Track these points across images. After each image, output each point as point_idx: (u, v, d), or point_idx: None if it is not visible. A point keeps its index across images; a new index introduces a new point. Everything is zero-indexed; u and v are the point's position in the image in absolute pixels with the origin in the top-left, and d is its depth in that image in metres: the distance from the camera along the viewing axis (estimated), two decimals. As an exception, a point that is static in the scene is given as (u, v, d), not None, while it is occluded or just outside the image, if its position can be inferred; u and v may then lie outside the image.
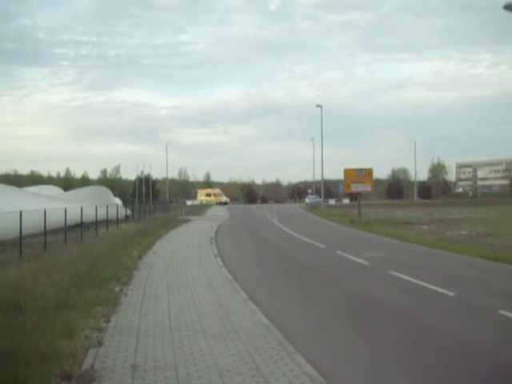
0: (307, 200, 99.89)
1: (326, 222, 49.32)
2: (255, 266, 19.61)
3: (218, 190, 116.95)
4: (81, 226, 26.77)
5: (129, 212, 46.36)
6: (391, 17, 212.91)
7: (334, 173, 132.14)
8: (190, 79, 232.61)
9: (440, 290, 13.75)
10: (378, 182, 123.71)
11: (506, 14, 19.49)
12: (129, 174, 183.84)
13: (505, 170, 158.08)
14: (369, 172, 44.69)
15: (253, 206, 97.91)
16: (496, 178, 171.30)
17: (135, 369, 7.34)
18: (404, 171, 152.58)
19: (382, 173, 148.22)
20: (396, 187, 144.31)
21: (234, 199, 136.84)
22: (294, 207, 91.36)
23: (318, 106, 66.63)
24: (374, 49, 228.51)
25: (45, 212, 20.91)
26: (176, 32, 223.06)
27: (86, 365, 7.42)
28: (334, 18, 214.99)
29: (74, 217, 26.60)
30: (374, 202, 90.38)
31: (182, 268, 17.63)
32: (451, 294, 13.30)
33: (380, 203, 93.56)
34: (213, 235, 31.22)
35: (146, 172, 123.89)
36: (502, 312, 11.17)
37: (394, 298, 13.38)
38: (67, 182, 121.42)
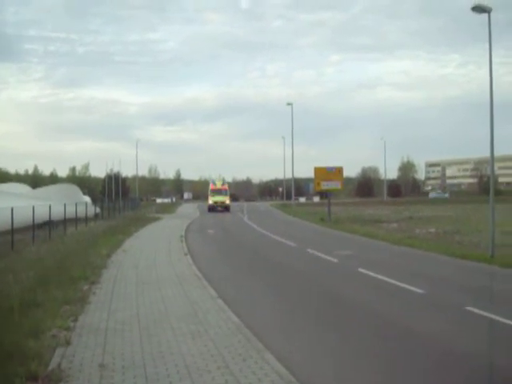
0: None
1: (296, 220, 49.44)
2: (225, 264, 19.59)
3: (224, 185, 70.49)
4: (49, 224, 26.45)
5: (98, 210, 45.95)
6: (362, 17, 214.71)
7: (305, 171, 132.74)
8: (161, 77, 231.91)
9: (409, 287, 13.88)
10: (349, 180, 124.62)
11: (474, 15, 19.77)
12: (98, 171, 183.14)
13: (473, 169, 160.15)
14: (339, 170, 44.89)
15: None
16: (464, 177, 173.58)
17: (103, 368, 7.26)
18: (374, 170, 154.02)
19: (352, 171, 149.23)
20: (366, 185, 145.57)
21: (204, 197, 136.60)
22: (264, 205, 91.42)
23: (289, 104, 66.78)
24: (345, 48, 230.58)
25: (12, 210, 20.60)
26: (147, 30, 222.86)
27: (52, 365, 7.32)
28: (306, 18, 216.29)
29: (42, 215, 26.26)
30: (345, 200, 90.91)
31: (151, 266, 17.52)
32: (420, 291, 13.42)
33: (350, 201, 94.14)
34: (183, 233, 31.10)
35: (115, 170, 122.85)
36: (468, 308, 11.31)
37: (362, 295, 13.47)
38: (35, 180, 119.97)
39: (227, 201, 65.91)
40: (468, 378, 7.48)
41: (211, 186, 67.37)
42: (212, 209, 63.89)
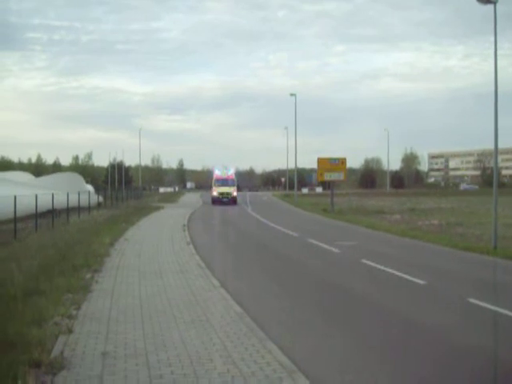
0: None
1: (299, 210, 49.44)
2: (227, 253, 19.60)
3: (231, 174, 60.23)
4: (52, 212, 26.49)
5: (101, 199, 46.00)
6: (366, 8, 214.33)
7: (308, 162, 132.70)
8: (164, 66, 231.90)
9: (411, 278, 13.87)
10: (352, 171, 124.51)
11: (479, 6, 19.64)
12: (101, 160, 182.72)
13: (476, 161, 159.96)
14: (342, 161, 44.82)
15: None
16: (467, 169, 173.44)
17: (105, 356, 7.28)
18: (377, 161, 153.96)
19: (355, 162, 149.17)
20: (369, 177, 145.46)
21: (207, 187, 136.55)
22: (267, 195, 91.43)
23: (292, 94, 66.50)
24: (349, 39, 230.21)
25: (15, 198, 20.63)
26: (150, 18, 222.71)
27: (55, 352, 7.33)
28: (310, 8, 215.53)
29: (45, 203, 26.31)
30: (347, 191, 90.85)
31: (154, 255, 17.55)
32: (422, 282, 13.42)
33: (353, 192, 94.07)
34: (185, 222, 31.12)
35: (118, 159, 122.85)
36: (471, 300, 11.31)
37: (364, 286, 13.47)
38: (38, 169, 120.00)
39: (234, 192, 56.99)
40: (469, 369, 7.48)
41: (215, 175, 58.73)
42: (216, 201, 56.34)
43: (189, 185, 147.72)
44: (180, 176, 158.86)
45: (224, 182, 57.88)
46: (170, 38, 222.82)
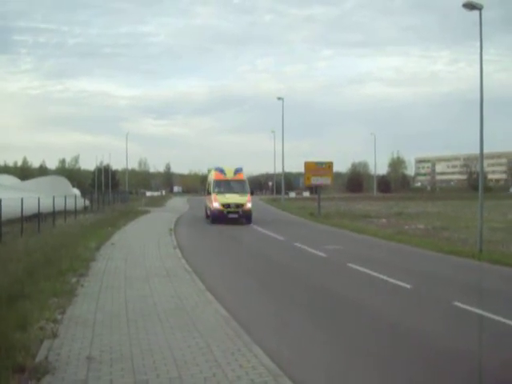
0: None
1: (285, 214, 49.49)
2: (213, 257, 19.58)
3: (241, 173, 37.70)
4: (38, 216, 26.33)
5: (87, 203, 45.80)
6: (354, 13, 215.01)
7: (295, 166, 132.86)
8: (151, 70, 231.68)
9: (397, 282, 13.93)
10: (338, 175, 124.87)
11: (466, 12, 19.81)
12: (88, 164, 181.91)
13: (462, 166, 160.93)
14: (329, 165, 44.91)
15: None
16: (454, 173, 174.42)
17: (90, 361, 7.23)
18: (364, 165, 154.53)
19: (342, 166, 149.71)
20: (356, 181, 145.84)
21: (193, 191, 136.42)
22: (254, 199, 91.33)
23: (280, 98, 66.58)
24: (337, 43, 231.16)
25: (0, 202, 20.48)
26: (138, 22, 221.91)
27: (39, 357, 7.28)
28: (297, 12, 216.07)
29: (30, 207, 26.13)
30: (334, 195, 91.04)
31: (140, 259, 17.48)
32: (408, 286, 13.48)
33: (340, 196, 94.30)
34: (172, 227, 31.04)
35: (105, 162, 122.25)
36: (456, 303, 11.37)
37: (351, 290, 13.50)
38: (24, 172, 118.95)
39: (248, 203, 34.89)
40: (454, 373, 7.52)
41: (215, 176, 36.70)
42: (218, 218, 34.21)
43: (176, 189, 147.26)
44: (167, 180, 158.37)
45: (229, 185, 36.19)
46: (158, 42, 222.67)
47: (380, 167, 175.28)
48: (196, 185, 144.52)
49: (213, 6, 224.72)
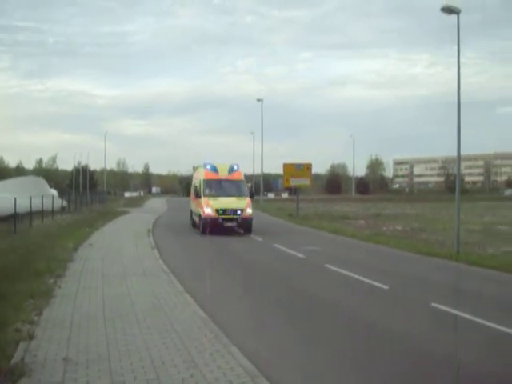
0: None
1: (264, 215, 49.44)
2: (191, 258, 19.52)
3: (238, 171, 30.67)
4: (14, 217, 26.06)
5: (65, 203, 45.40)
6: (334, 15, 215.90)
7: (275, 167, 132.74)
8: (132, 70, 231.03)
9: (375, 283, 14.00)
10: (317, 176, 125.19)
11: (443, 15, 19.98)
12: (66, 164, 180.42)
13: (440, 168, 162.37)
14: (307, 167, 44.94)
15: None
16: (432, 176, 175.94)
17: (67, 362, 7.18)
18: (343, 166, 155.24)
19: (321, 168, 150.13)
20: (334, 182, 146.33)
21: (172, 192, 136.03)
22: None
23: (259, 100, 66.69)
24: (317, 46, 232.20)
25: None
26: (118, 22, 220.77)
27: (15, 359, 7.20)
28: (278, 14, 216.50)
29: (7, 207, 25.87)
30: (313, 197, 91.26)
31: (118, 260, 17.38)
32: (385, 287, 13.56)
33: (319, 198, 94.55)
34: (150, 227, 30.91)
35: (84, 162, 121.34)
36: (433, 304, 11.47)
37: (328, 291, 13.55)
38: (0, 172, 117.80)
39: (248, 208, 28.69)
40: (430, 373, 7.58)
41: (206, 174, 30.01)
42: (209, 227, 26.66)
43: (154, 189, 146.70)
44: (145, 180, 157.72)
45: (224, 186, 29.80)
46: (138, 41, 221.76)
47: (359, 169, 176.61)
48: (175, 185, 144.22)
49: (193, 6, 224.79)
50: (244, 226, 28.68)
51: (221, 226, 27.67)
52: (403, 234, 27.98)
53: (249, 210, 28.52)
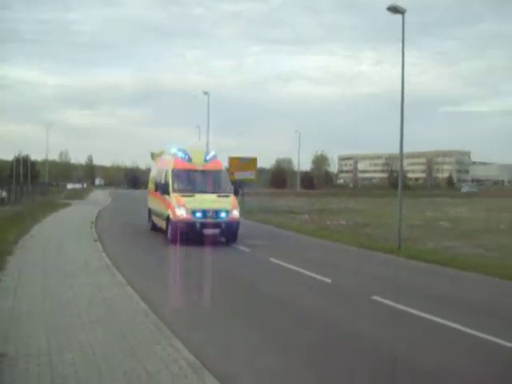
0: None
1: (210, 209, 49.34)
2: (134, 251, 19.32)
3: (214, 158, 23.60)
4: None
5: (4, 194, 44.33)
6: (282, 10, 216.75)
7: (221, 161, 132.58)
8: (77, 59, 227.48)
9: (318, 276, 14.17)
10: (263, 171, 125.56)
11: (390, 15, 20.29)
12: (7, 154, 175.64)
13: (384, 164, 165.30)
14: (253, 161, 45.04)
15: (136, 192, 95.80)
16: (376, 172, 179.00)
17: (4, 357, 7.02)
18: (288, 161, 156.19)
19: (267, 162, 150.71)
20: (280, 177, 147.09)
21: (116, 184, 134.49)
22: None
23: (206, 93, 66.30)
24: (265, 40, 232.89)
25: None
26: (63, 9, 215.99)
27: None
28: (227, 8, 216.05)
29: None
30: (258, 191, 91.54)
31: (59, 253, 17.08)
32: (328, 280, 13.74)
33: (264, 192, 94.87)
34: (93, 219, 30.45)
35: (25, 153, 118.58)
36: (374, 297, 11.69)
37: (271, 284, 13.66)
38: None
39: (233, 210, 21.44)
40: (368, 365, 7.72)
41: (175, 163, 22.51)
42: (184, 234, 20.14)
43: (98, 181, 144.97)
44: (89, 172, 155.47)
45: (200, 179, 22.72)
46: (85, 30, 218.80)
47: (304, 164, 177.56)
48: (119, 177, 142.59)
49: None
50: (229, 233, 21.38)
51: (198, 234, 20.56)
52: (347, 229, 28.39)
53: (235, 212, 21.46)
